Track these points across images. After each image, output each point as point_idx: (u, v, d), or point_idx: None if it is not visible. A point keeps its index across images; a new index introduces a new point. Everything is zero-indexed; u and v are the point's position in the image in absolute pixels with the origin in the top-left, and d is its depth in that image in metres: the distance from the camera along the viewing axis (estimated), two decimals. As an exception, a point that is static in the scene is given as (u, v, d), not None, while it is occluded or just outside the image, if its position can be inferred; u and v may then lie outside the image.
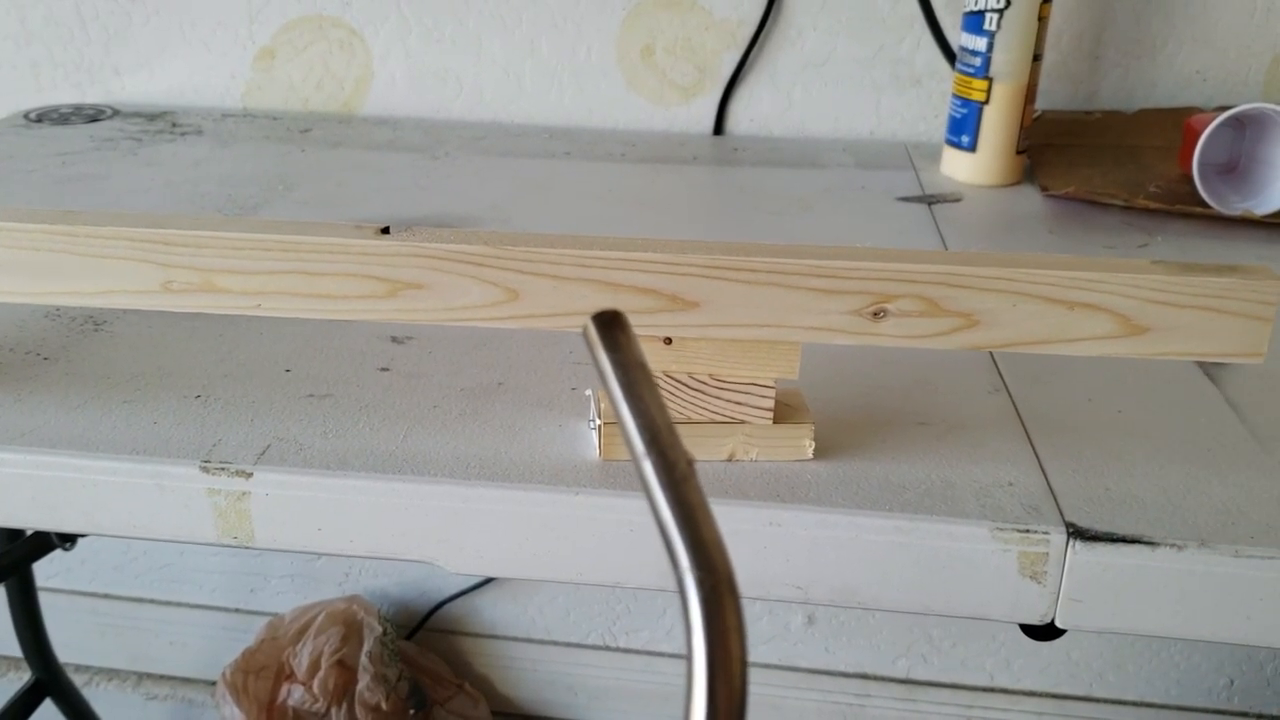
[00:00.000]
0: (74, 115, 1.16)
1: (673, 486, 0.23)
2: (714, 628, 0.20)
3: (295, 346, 0.64)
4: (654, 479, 0.23)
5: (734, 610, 0.21)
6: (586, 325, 0.26)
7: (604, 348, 0.25)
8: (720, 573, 0.21)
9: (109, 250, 0.51)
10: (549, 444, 0.55)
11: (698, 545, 0.21)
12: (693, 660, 0.20)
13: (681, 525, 0.22)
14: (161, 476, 0.53)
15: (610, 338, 0.25)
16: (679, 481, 0.23)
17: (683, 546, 0.22)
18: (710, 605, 0.21)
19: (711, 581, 0.21)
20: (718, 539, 0.22)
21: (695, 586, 0.21)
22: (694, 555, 0.21)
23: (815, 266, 0.49)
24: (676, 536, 0.22)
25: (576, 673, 1.43)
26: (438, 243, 0.50)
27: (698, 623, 0.21)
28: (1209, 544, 0.48)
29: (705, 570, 0.21)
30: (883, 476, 0.53)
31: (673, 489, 0.23)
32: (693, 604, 0.21)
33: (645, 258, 0.49)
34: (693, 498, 0.22)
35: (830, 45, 1.09)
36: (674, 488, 0.23)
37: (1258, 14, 1.04)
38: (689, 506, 0.22)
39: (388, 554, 0.53)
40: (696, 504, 0.22)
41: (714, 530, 0.22)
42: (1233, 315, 0.50)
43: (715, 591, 0.21)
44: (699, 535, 0.22)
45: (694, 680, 0.20)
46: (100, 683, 1.53)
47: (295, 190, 0.93)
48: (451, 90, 1.16)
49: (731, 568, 0.21)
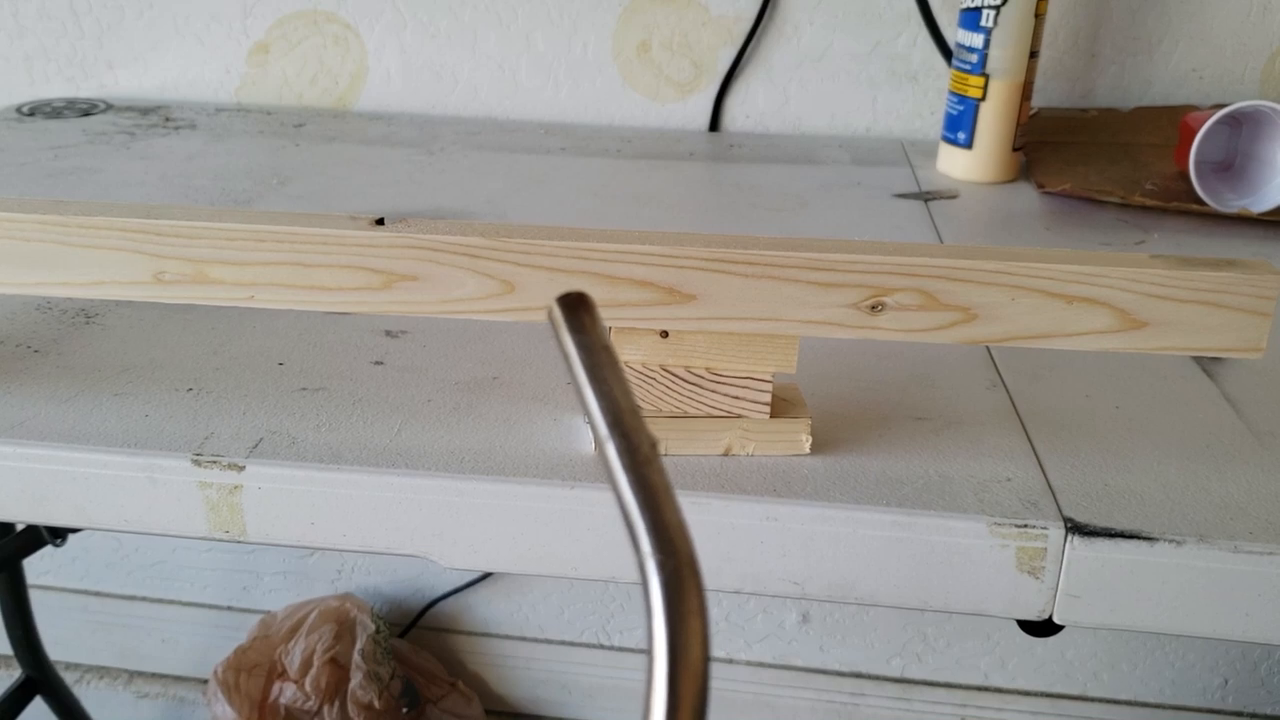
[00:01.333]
0: (67, 109, 1.16)
1: (635, 469, 0.22)
2: (675, 611, 0.20)
3: (288, 340, 0.64)
4: (616, 462, 0.23)
5: (696, 593, 0.20)
6: (551, 307, 0.25)
7: (568, 329, 0.25)
8: (682, 555, 0.21)
9: (100, 240, 0.51)
10: (544, 438, 0.54)
11: (659, 528, 0.21)
12: (653, 643, 0.20)
13: (643, 508, 0.21)
14: (153, 470, 0.52)
15: (575, 320, 0.25)
16: (641, 464, 0.22)
17: (644, 529, 0.21)
18: (671, 588, 0.20)
19: (673, 564, 0.20)
20: (680, 521, 0.21)
21: (656, 570, 0.21)
22: (655, 538, 0.21)
23: (813, 259, 0.49)
24: (638, 519, 0.21)
25: (570, 671, 1.43)
26: (433, 234, 0.49)
27: (658, 606, 0.20)
28: (1208, 540, 0.48)
29: (666, 553, 0.21)
30: (880, 471, 0.52)
31: (635, 471, 0.22)
32: (654, 587, 0.20)
33: (642, 250, 0.49)
34: (655, 480, 0.22)
35: (827, 41, 1.08)
36: (636, 470, 0.22)
37: (1254, 12, 1.03)
38: (651, 489, 0.22)
39: (381, 548, 0.52)
40: (659, 486, 0.22)
41: (676, 512, 0.21)
42: (1232, 310, 0.49)
43: (676, 574, 0.20)
44: (660, 518, 0.21)
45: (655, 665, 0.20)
46: (91, 680, 1.52)
47: (289, 185, 0.93)
48: (446, 85, 1.16)
49: (694, 550, 0.21)
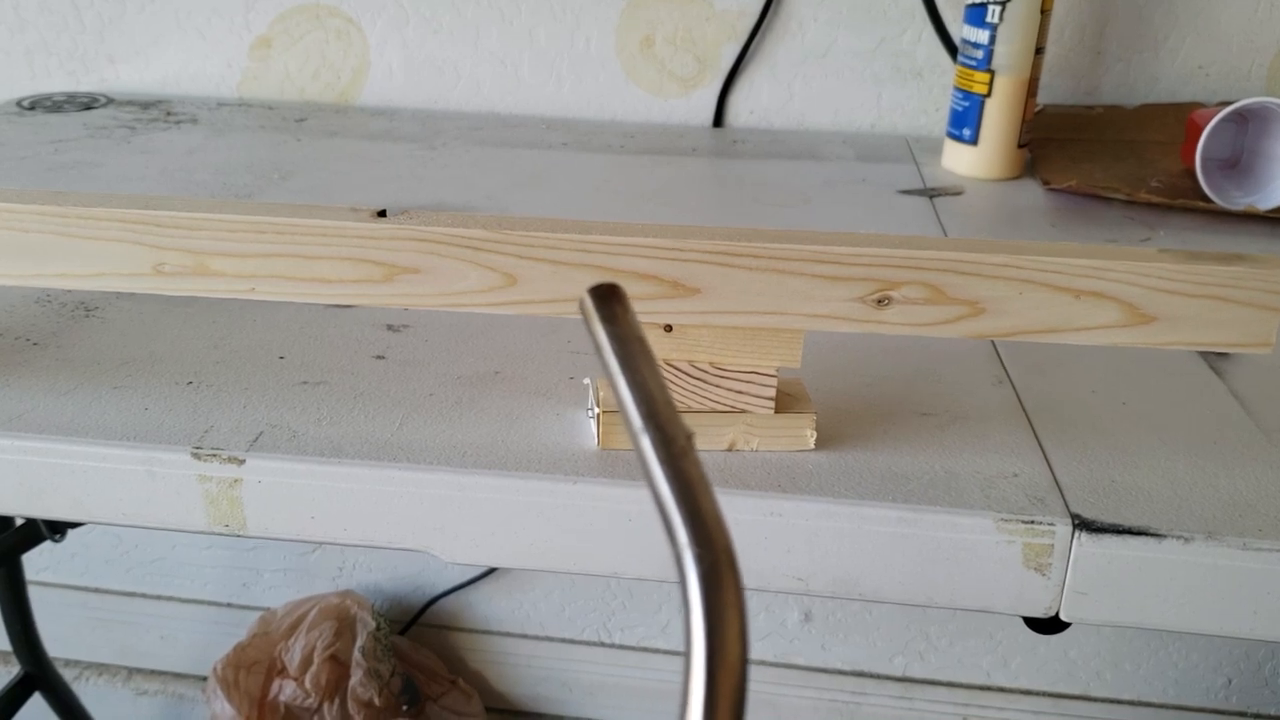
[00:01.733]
0: (68, 103, 1.15)
1: (670, 461, 0.22)
2: (713, 604, 0.19)
3: (289, 333, 0.63)
4: (651, 454, 0.22)
5: (734, 586, 0.20)
6: (583, 298, 0.25)
7: (601, 321, 0.24)
8: (719, 548, 0.20)
9: (100, 232, 0.50)
10: (546, 432, 0.54)
11: (696, 520, 0.21)
12: (691, 638, 0.19)
13: (679, 500, 0.21)
14: (152, 463, 0.52)
15: (607, 311, 0.24)
16: (677, 456, 0.22)
17: (680, 522, 0.21)
18: (709, 581, 0.20)
19: (711, 558, 0.20)
20: (717, 514, 0.21)
21: (694, 563, 0.20)
22: (692, 531, 0.20)
23: (818, 252, 0.48)
24: (674, 512, 0.21)
25: (571, 669, 1.42)
26: (435, 226, 0.49)
27: (696, 599, 0.20)
28: (1216, 537, 0.48)
29: (704, 546, 0.20)
30: (885, 467, 0.52)
31: (670, 464, 0.22)
32: (691, 580, 0.20)
33: (646, 243, 0.49)
34: (691, 472, 0.22)
35: (831, 37, 1.08)
36: (672, 463, 0.22)
37: (1261, 8, 1.03)
38: (687, 481, 0.21)
39: (382, 543, 0.52)
40: (695, 479, 0.21)
41: (713, 505, 0.21)
42: (1241, 305, 0.49)
43: (715, 567, 0.20)
44: (697, 510, 0.21)
45: (693, 659, 0.19)
46: (90, 677, 1.52)
47: (291, 179, 0.92)
48: (449, 80, 1.15)
49: (731, 543, 0.20)
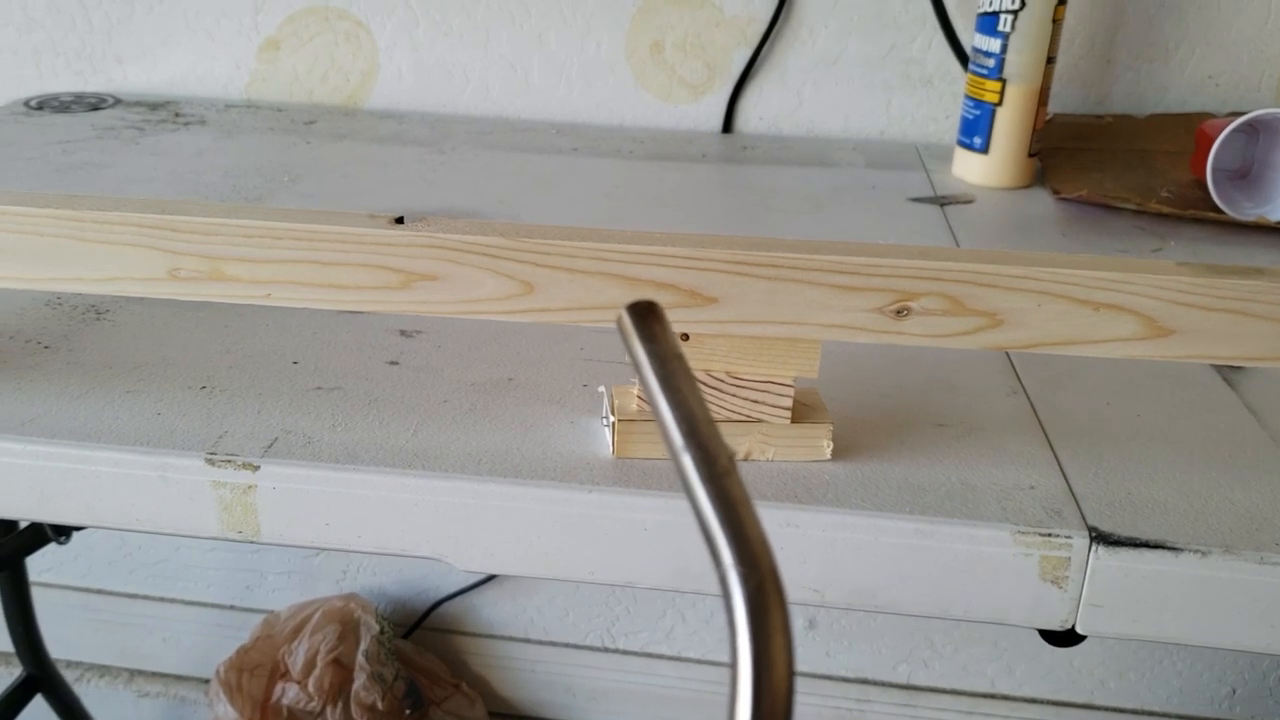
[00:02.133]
0: (75, 104, 1.15)
1: (713, 481, 0.22)
2: (759, 626, 0.19)
3: (302, 339, 0.63)
4: (694, 473, 0.22)
5: (780, 608, 0.20)
6: (621, 316, 0.24)
7: (639, 339, 0.24)
8: (765, 569, 0.20)
9: (115, 236, 0.50)
10: (561, 441, 0.54)
11: (741, 541, 0.20)
12: (738, 660, 0.19)
13: (724, 521, 0.21)
14: (165, 468, 0.52)
15: (646, 329, 0.24)
16: (720, 476, 0.22)
17: (725, 543, 0.21)
18: (755, 603, 0.20)
19: (756, 579, 0.20)
20: (761, 535, 0.21)
21: (739, 584, 0.20)
22: (737, 551, 0.20)
23: (837, 263, 0.48)
24: (719, 532, 0.21)
25: (574, 674, 1.42)
26: (453, 234, 0.49)
27: (742, 621, 0.20)
28: (1233, 551, 0.48)
29: (750, 567, 0.20)
30: (902, 478, 0.52)
31: (714, 483, 0.22)
32: (737, 602, 0.20)
33: (664, 251, 0.48)
34: (735, 492, 0.21)
35: (841, 44, 1.08)
36: (715, 482, 0.22)
37: (1271, 20, 1.03)
38: (731, 501, 0.21)
39: (397, 550, 0.52)
40: (739, 499, 0.21)
41: (757, 526, 0.21)
42: (1259, 318, 0.49)
43: (760, 589, 0.20)
44: (742, 531, 0.21)
45: (739, 680, 0.19)
46: (92, 679, 1.52)
47: (300, 182, 0.92)
48: (458, 84, 1.15)
49: (776, 564, 0.20)
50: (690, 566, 0.50)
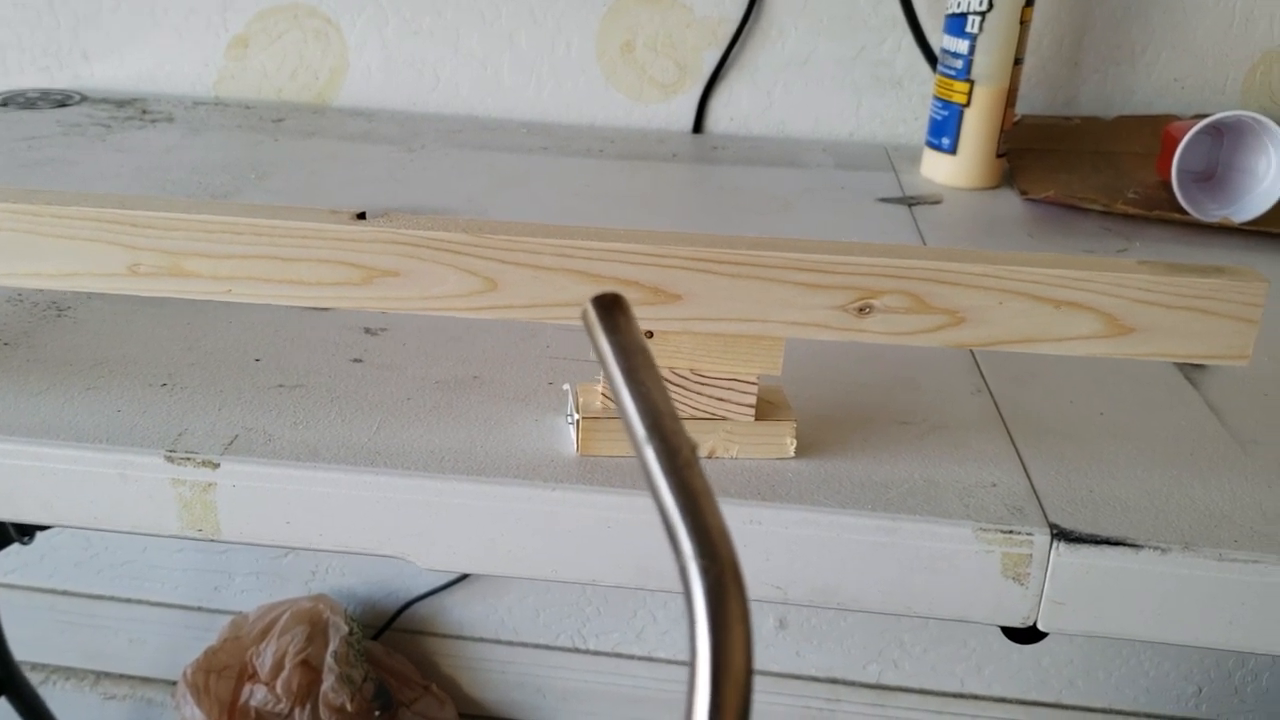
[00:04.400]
0: (41, 100, 1.14)
1: (675, 473, 0.22)
2: (718, 617, 0.19)
3: (265, 336, 0.63)
4: (655, 466, 0.22)
5: (739, 599, 0.20)
6: (585, 308, 0.24)
7: (604, 331, 0.24)
8: (725, 561, 0.20)
9: (74, 231, 0.50)
10: (525, 438, 0.54)
11: (701, 533, 0.20)
12: (696, 651, 0.19)
13: (684, 513, 0.21)
14: (125, 466, 0.51)
15: (610, 321, 0.24)
16: (681, 468, 0.22)
17: (685, 534, 0.21)
18: (715, 594, 0.20)
19: (716, 570, 0.20)
20: (722, 527, 0.21)
21: (699, 575, 0.20)
22: (697, 543, 0.20)
23: (800, 260, 0.48)
24: (679, 524, 0.21)
25: (545, 674, 1.42)
26: (414, 229, 0.48)
27: (701, 612, 0.20)
28: (1193, 548, 0.48)
29: (709, 559, 0.20)
30: (865, 475, 0.52)
31: (675, 475, 0.22)
32: (696, 593, 0.20)
33: (627, 248, 0.48)
34: (696, 484, 0.21)
35: (811, 45, 1.08)
36: (676, 474, 0.22)
37: (1236, 23, 1.04)
38: (692, 493, 0.21)
39: (358, 549, 0.51)
40: (700, 491, 0.21)
41: (718, 517, 0.21)
42: (1219, 316, 0.49)
43: (720, 580, 0.20)
44: (703, 523, 0.21)
45: (697, 671, 0.19)
46: (57, 681, 1.50)
47: (268, 179, 0.92)
48: (428, 83, 1.15)
49: (736, 556, 0.20)
50: (654, 565, 0.50)
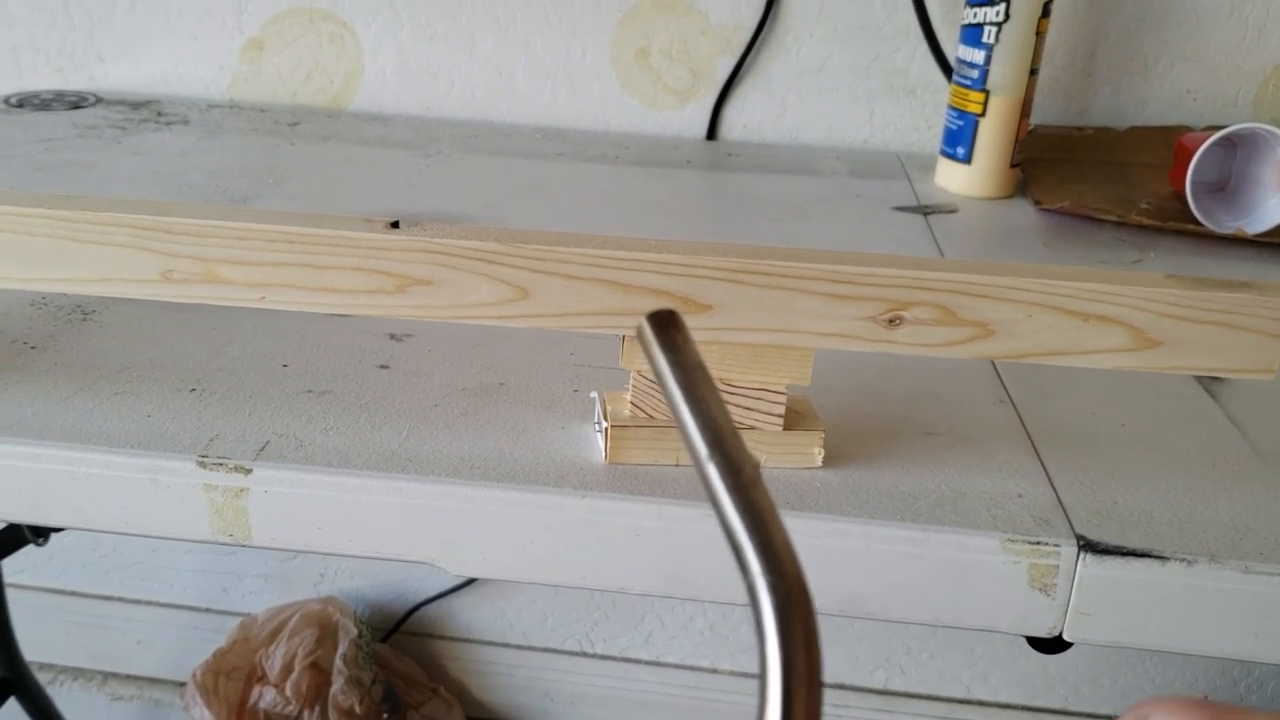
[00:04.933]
0: (56, 102, 1.14)
1: (739, 490, 0.22)
2: (789, 636, 0.20)
3: (291, 342, 0.63)
4: (719, 483, 0.22)
5: (807, 616, 0.20)
6: (641, 325, 0.25)
7: (661, 348, 0.24)
8: (792, 578, 0.20)
9: (108, 237, 0.50)
10: (553, 446, 0.54)
11: (768, 550, 0.21)
12: (766, 669, 0.20)
13: (751, 530, 0.21)
14: (156, 471, 0.51)
15: (667, 338, 0.24)
16: (746, 485, 0.22)
17: (753, 552, 0.21)
18: (784, 612, 0.20)
19: (785, 588, 0.20)
20: (788, 544, 0.21)
21: (768, 593, 0.20)
22: (765, 561, 0.21)
23: (831, 271, 0.48)
24: (746, 542, 0.21)
25: (553, 678, 1.42)
26: (449, 239, 0.49)
27: (771, 629, 0.20)
28: (1219, 560, 0.48)
29: (778, 576, 0.20)
30: (892, 486, 0.52)
31: (740, 493, 0.22)
32: (766, 610, 0.20)
33: (659, 259, 0.49)
34: (761, 502, 0.22)
35: (826, 53, 1.08)
36: (741, 491, 0.22)
37: (1249, 35, 1.04)
38: (758, 511, 0.21)
39: (389, 555, 0.52)
40: (765, 508, 0.22)
41: (784, 535, 0.21)
42: (1245, 331, 0.50)
43: (789, 598, 0.20)
44: (769, 540, 0.21)
45: (768, 689, 0.19)
46: (65, 681, 1.50)
47: (284, 184, 0.92)
48: (443, 87, 1.15)
49: (803, 573, 0.21)
50: (683, 572, 0.51)
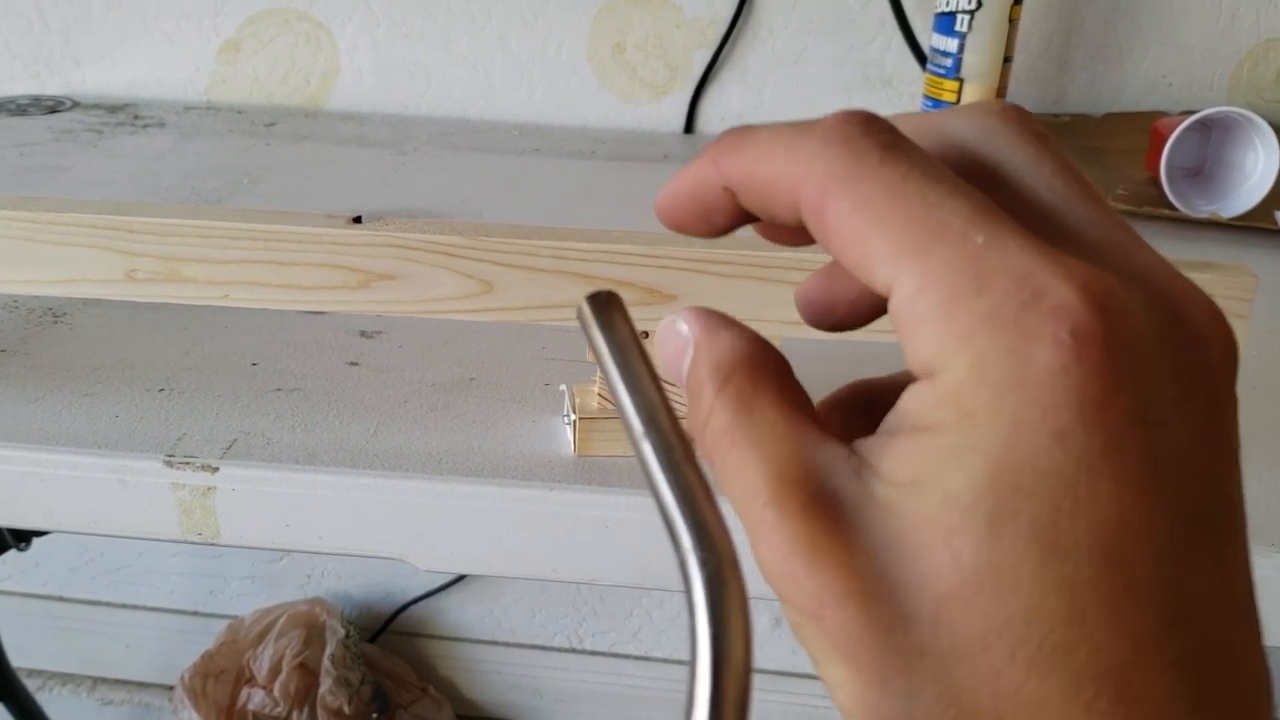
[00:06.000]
0: (32, 106, 1.14)
1: (673, 467, 0.22)
2: (718, 609, 0.20)
3: (262, 340, 0.63)
4: (653, 460, 0.22)
5: (738, 590, 0.20)
6: (581, 305, 0.25)
7: (599, 328, 0.24)
8: (723, 552, 0.20)
9: (70, 238, 0.50)
10: (523, 439, 0.54)
11: (699, 526, 0.21)
12: (696, 643, 0.20)
13: (682, 506, 0.21)
14: (124, 471, 0.51)
15: (605, 318, 0.24)
16: (679, 462, 0.22)
17: (684, 527, 0.21)
18: (714, 586, 0.20)
19: (715, 562, 0.20)
20: (720, 519, 0.21)
21: (698, 568, 0.20)
22: (695, 536, 0.21)
23: (795, 259, 0.48)
24: (677, 517, 0.21)
25: (542, 675, 1.42)
26: (411, 233, 0.49)
27: (701, 604, 0.20)
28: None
29: (708, 550, 0.20)
30: (860, 473, 0.52)
31: (673, 470, 0.22)
32: (695, 585, 0.20)
33: (622, 249, 0.49)
34: (693, 477, 0.22)
35: (801, 45, 1.09)
36: (674, 468, 0.22)
37: (1223, 20, 1.05)
38: (689, 486, 0.21)
39: (357, 551, 0.52)
40: (697, 484, 0.22)
41: (716, 510, 0.21)
42: (1209, 312, 0.50)
43: (719, 572, 0.20)
44: (700, 515, 0.21)
45: (698, 662, 0.19)
46: (54, 687, 1.50)
47: (260, 184, 0.92)
48: (419, 85, 1.15)
49: (734, 548, 0.21)
50: (652, 564, 0.51)
